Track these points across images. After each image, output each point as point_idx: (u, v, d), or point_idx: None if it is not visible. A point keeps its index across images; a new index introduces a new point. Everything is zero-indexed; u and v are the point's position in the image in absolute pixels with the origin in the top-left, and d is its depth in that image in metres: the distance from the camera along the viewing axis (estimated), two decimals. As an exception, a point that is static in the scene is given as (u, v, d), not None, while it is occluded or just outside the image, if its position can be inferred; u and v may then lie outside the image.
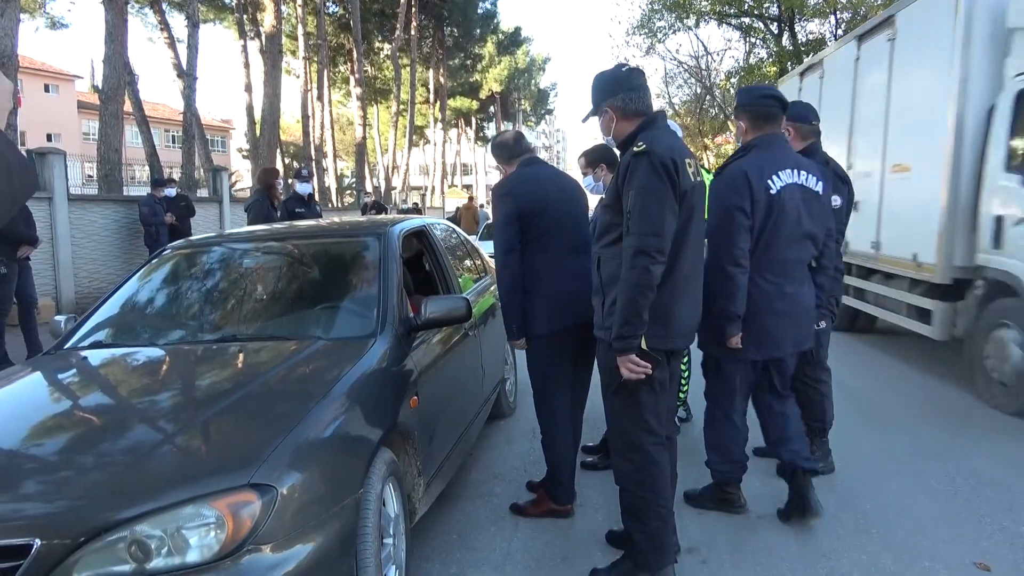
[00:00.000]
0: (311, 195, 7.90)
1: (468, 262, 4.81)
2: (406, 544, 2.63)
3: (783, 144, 3.23)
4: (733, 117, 3.54)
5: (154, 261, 3.63)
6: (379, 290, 3.09)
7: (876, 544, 3.03)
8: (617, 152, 2.83)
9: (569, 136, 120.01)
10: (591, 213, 3.62)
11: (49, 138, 32.67)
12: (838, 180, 3.69)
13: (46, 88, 39.45)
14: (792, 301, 3.09)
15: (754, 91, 3.32)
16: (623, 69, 2.74)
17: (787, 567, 2.86)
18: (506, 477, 3.93)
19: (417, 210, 20.30)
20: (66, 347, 3.10)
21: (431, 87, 39.79)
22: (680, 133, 3.56)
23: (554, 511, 3.38)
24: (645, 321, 2.45)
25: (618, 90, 2.63)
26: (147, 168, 19.21)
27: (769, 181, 3.03)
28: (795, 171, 3.09)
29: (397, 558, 2.53)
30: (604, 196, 2.88)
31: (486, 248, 5.65)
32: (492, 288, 4.37)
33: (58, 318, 3.35)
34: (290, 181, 8.39)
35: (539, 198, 3.27)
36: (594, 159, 3.94)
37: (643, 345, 2.49)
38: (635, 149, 2.50)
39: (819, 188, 3.12)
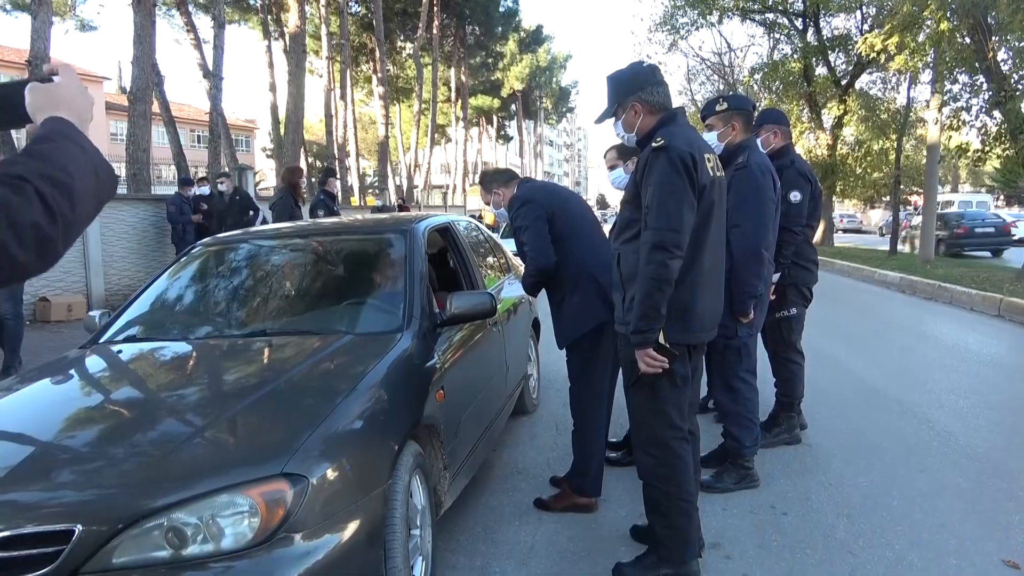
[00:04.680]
0: (335, 194, 8.02)
1: (492, 259, 4.85)
2: (432, 536, 2.67)
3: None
4: (721, 117, 3.67)
5: (185, 258, 3.70)
6: (405, 286, 3.14)
7: (902, 541, 3.01)
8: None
9: (591, 135, 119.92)
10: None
11: (78, 138, 33.21)
12: (801, 177, 4.00)
13: (75, 89, 40.08)
14: None
15: (746, 99, 3.89)
16: (643, 65, 2.77)
17: (812, 563, 2.86)
18: (530, 472, 3.96)
19: (401, 208, 18.72)
20: (101, 341, 3.17)
21: (453, 86, 39.95)
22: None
23: (578, 505, 3.40)
24: (663, 316, 2.46)
25: (644, 84, 2.65)
26: (172, 168, 19.46)
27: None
28: None
29: (424, 549, 2.56)
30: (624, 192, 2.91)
31: (508, 245, 5.69)
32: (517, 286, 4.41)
33: (92, 314, 3.44)
34: (320, 179, 8.53)
35: (556, 201, 3.43)
36: (627, 151, 3.91)
37: (661, 339, 2.50)
38: (654, 144, 2.51)
39: None
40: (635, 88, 2.67)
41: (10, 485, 1.95)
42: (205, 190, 10.90)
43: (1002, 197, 44.75)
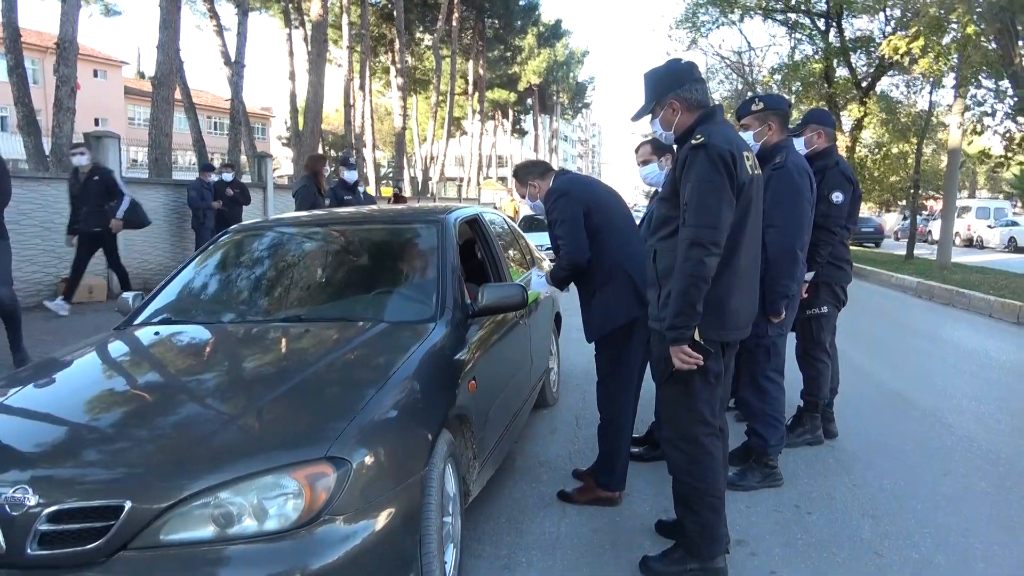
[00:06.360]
0: (357, 182, 8.03)
1: (515, 252, 4.86)
2: (460, 524, 2.70)
3: None
4: (757, 117, 3.64)
5: (219, 242, 3.74)
6: (438, 275, 3.16)
7: (928, 543, 3.01)
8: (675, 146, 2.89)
9: (605, 131, 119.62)
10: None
11: (96, 122, 33.49)
12: (844, 179, 3.99)
13: (95, 73, 40.40)
14: None
15: (782, 99, 3.88)
16: (681, 62, 2.77)
17: (838, 562, 2.87)
18: (551, 465, 3.98)
19: (398, 199, 17.32)
20: (136, 323, 3.21)
21: (470, 78, 39.91)
22: None
23: (601, 498, 3.42)
24: (699, 312, 2.47)
25: (684, 81, 2.65)
26: (189, 153, 19.55)
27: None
28: None
29: (454, 537, 2.59)
30: (661, 188, 2.92)
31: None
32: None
33: (126, 295, 3.48)
34: (334, 168, 8.50)
35: (593, 195, 3.43)
36: (661, 146, 3.88)
37: (696, 336, 2.51)
38: (694, 142, 2.51)
39: None
40: (674, 85, 2.67)
41: (60, 460, 2.00)
42: (228, 176, 10.97)
43: (1020, 203, 44.29)
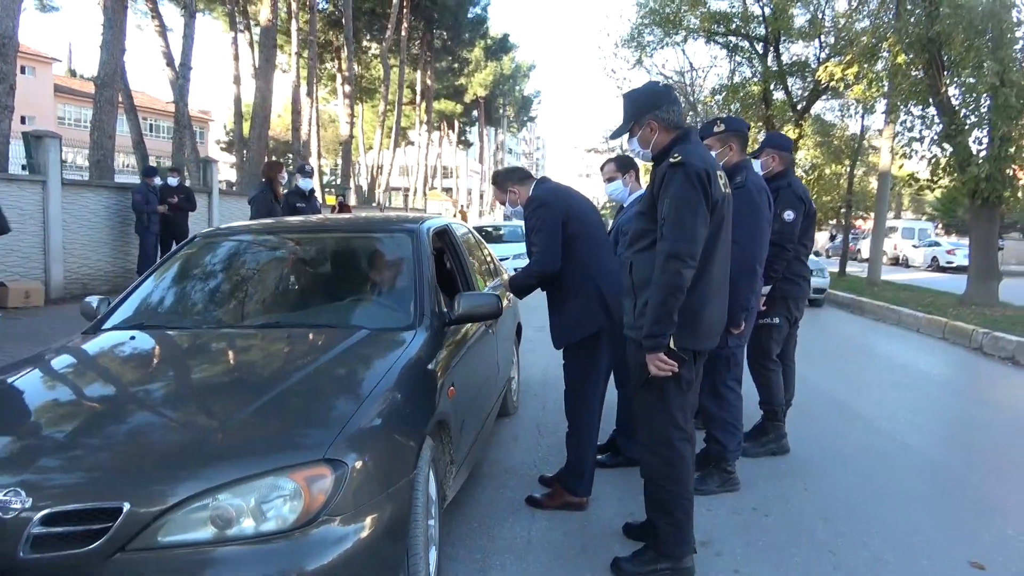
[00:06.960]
0: (312, 191, 7.97)
1: (479, 263, 4.93)
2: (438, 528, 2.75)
3: None
4: (719, 138, 3.81)
5: (191, 247, 3.69)
6: (415, 283, 3.21)
7: (878, 542, 3.20)
8: (642, 164, 3.04)
9: (549, 145, 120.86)
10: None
11: (24, 120, 32.19)
12: (796, 199, 4.18)
13: (22, 70, 38.76)
14: None
15: (742, 121, 3.98)
16: (660, 85, 2.92)
17: (797, 562, 3.03)
18: (517, 471, 4.06)
19: (343, 207, 15.17)
20: (106, 327, 3.15)
21: (417, 89, 39.85)
22: None
23: (569, 503, 3.51)
24: (675, 322, 2.61)
25: (662, 102, 2.79)
26: (122, 155, 18.90)
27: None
28: None
29: (435, 539, 2.64)
30: (637, 203, 3.06)
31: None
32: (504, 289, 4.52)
33: (90, 299, 3.39)
34: (292, 175, 8.37)
35: (570, 206, 3.51)
36: (626, 164, 4.04)
37: (671, 345, 2.64)
38: (672, 160, 2.65)
39: None
40: (652, 106, 2.80)
41: (54, 463, 1.97)
42: (173, 181, 10.74)
43: (941, 225, 46.60)
